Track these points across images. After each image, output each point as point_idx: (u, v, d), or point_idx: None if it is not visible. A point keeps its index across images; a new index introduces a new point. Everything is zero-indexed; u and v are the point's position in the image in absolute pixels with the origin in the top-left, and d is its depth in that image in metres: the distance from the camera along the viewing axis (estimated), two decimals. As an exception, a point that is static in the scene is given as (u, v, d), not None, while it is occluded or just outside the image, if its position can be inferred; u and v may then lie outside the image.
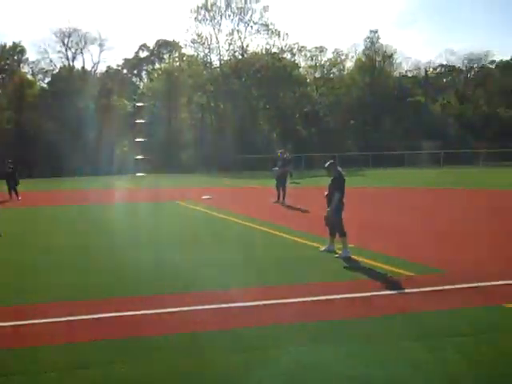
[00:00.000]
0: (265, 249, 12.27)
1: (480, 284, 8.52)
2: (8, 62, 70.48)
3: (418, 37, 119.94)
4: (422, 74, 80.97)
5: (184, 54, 74.78)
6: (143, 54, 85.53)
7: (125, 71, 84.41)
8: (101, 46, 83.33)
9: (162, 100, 68.57)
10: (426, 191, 28.23)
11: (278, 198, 22.00)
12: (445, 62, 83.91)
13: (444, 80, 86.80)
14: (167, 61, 79.95)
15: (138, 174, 55.85)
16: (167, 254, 11.55)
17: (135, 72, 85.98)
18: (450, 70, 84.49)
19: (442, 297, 7.99)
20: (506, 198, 23.97)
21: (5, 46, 70.09)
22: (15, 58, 71.29)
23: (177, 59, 76.90)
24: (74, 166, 56.57)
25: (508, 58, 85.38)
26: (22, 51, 71.91)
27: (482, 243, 12.47)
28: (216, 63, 70.82)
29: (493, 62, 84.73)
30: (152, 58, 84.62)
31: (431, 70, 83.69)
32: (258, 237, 14.09)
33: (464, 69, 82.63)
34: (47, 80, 76.32)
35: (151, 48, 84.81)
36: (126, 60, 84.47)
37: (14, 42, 71.07)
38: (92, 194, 31.98)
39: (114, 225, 17.38)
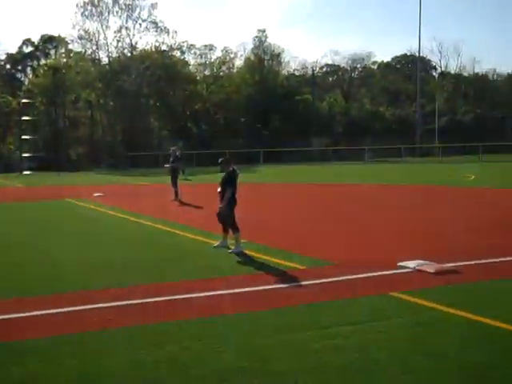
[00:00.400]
0: (156, 246, 12.21)
1: (369, 274, 8.89)
2: None
3: (303, 37, 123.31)
4: (309, 72, 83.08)
5: (71, 50, 72.73)
6: (27, 49, 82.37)
7: (8, 66, 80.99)
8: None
9: (48, 97, 66.36)
10: (318, 186, 28.96)
11: (176, 195, 21.93)
12: (330, 62, 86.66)
13: (330, 79, 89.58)
14: (53, 57, 77.38)
15: (25, 172, 53.94)
16: (46, 253, 11.28)
17: (19, 67, 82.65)
18: (335, 69, 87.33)
19: (332, 288, 8.27)
20: (388, 190, 25.16)
21: None
22: None
23: (63, 55, 74.62)
24: None
25: (388, 59, 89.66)
26: None
27: (368, 234, 13.02)
28: (105, 60, 69.41)
29: (375, 62, 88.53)
30: (37, 53, 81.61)
31: (317, 69, 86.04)
32: (150, 234, 13.98)
33: (348, 68, 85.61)
34: None
35: (36, 43, 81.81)
36: (8, 55, 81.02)
37: None
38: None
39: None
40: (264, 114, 70.14)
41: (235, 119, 71.24)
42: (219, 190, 11.37)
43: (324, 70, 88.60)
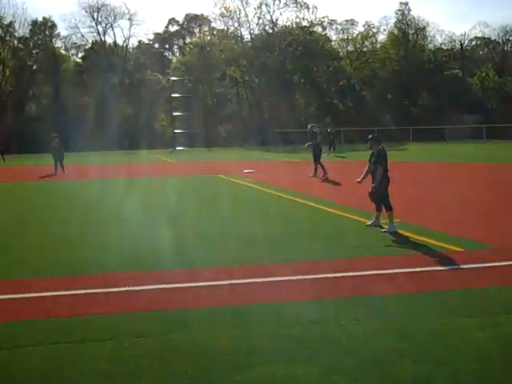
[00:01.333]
0: (311, 223, 12.19)
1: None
2: (40, 37, 70.69)
3: (448, 9, 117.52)
4: (458, 46, 79.30)
5: (214, 29, 74.43)
6: (173, 29, 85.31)
7: (156, 46, 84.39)
8: (130, 20, 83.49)
9: (195, 74, 68.45)
10: (469, 166, 27.78)
11: (315, 171, 21.88)
12: (480, 35, 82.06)
13: (480, 53, 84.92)
14: (198, 35, 79.61)
15: (178, 148, 56.18)
16: (208, 227, 11.59)
17: (167, 46, 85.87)
18: (485, 42, 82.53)
19: (494, 273, 7.88)
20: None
21: (36, 21, 70.26)
22: (47, 33, 71.41)
23: (207, 33, 76.55)
24: (112, 141, 57.17)
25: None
26: (53, 26, 71.97)
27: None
28: (247, 37, 70.35)
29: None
30: (182, 32, 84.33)
31: (466, 42, 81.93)
32: (302, 211, 14.01)
33: (500, 41, 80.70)
34: (80, 55, 76.75)
35: (181, 22, 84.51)
36: (156, 34, 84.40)
37: (44, 17, 71.06)
38: (133, 168, 32.17)
39: (152, 199, 17.43)
40: (411, 91, 68.15)
41: (381, 95, 69.85)
42: (366, 168, 11.27)
43: (473, 43, 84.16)
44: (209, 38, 73.70)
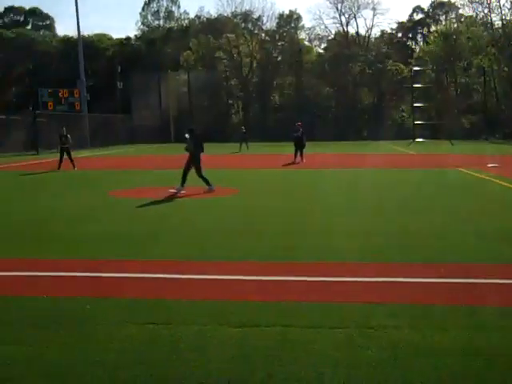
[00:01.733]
0: None
1: None
2: (286, 29, 73.58)
3: None
4: None
5: (462, 15, 71.10)
6: (417, 17, 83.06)
7: (399, 35, 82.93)
8: (374, 10, 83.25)
9: (439, 64, 66.13)
10: None
11: None
12: None
13: None
14: (444, 23, 76.65)
15: (418, 140, 55.01)
16: (447, 223, 10.91)
17: (410, 35, 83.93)
18: None
19: None
20: None
21: (282, 14, 73.34)
22: (292, 25, 74.16)
23: (454, 21, 73.37)
24: (351, 130, 57.90)
25: None
26: (299, 18, 74.56)
27: None
28: (497, 23, 66.05)
29: None
30: (427, 20, 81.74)
31: None
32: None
33: None
34: (323, 46, 78.34)
35: (426, 10, 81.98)
36: (399, 23, 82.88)
37: (290, 10, 74.00)
38: (368, 158, 31.99)
39: (391, 191, 17.01)
40: None
41: None
42: None
43: None
44: (455, 25, 70.66)
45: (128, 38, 78.80)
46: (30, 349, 4.80)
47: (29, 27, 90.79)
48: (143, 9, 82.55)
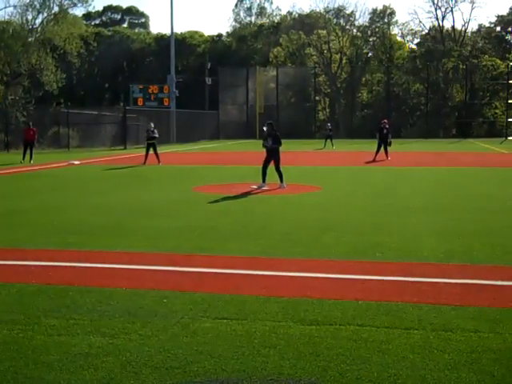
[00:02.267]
0: None
1: None
2: (379, 24, 72.56)
3: None
4: None
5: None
6: (519, 10, 79.75)
7: (498, 29, 79.92)
8: (472, 3, 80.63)
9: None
10: None
11: None
12: None
13: None
14: (546, 16, 73.44)
15: (510, 138, 53.18)
16: None
17: (509, 29, 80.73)
18: None
19: None
20: None
21: (376, 9, 72.38)
22: (385, 20, 73.04)
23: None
24: (442, 128, 56.66)
25: None
26: (392, 13, 73.36)
27: None
28: None
29: None
30: (529, 13, 78.43)
31: None
32: None
33: None
34: (416, 41, 76.68)
35: (528, 2, 78.74)
36: (499, 17, 79.84)
37: (384, 5, 72.95)
38: (452, 156, 31.13)
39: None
40: None
41: None
42: None
43: None
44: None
45: (219, 35, 79.93)
46: (111, 339, 4.94)
47: (125, 25, 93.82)
48: (236, 5, 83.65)
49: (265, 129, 16.44)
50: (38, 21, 53.79)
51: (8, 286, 6.54)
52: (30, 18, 53.13)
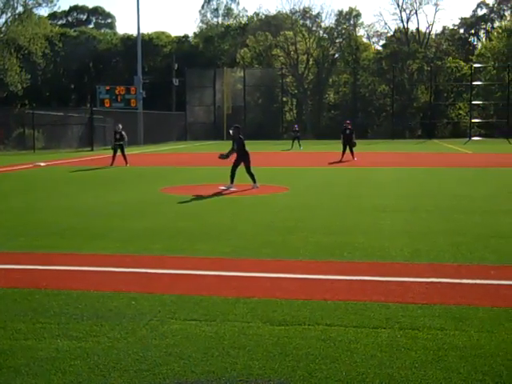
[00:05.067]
0: None
1: None
2: (345, 26, 73.05)
3: None
4: None
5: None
6: (481, 12, 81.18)
7: (461, 31, 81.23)
8: (436, 5, 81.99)
9: (501, 61, 64.55)
10: None
11: None
12: None
13: None
14: (508, 18, 74.75)
15: (474, 138, 54.02)
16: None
17: (472, 32, 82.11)
18: None
19: None
20: None
21: (342, 11, 72.87)
22: (351, 22, 73.59)
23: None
24: (408, 129, 57.33)
25: None
26: (358, 15, 73.94)
27: None
28: None
29: None
30: (491, 15, 79.81)
31: None
32: None
33: None
34: (381, 43, 77.49)
35: (491, 5, 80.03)
36: (462, 19, 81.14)
37: (349, 7, 73.48)
38: (418, 157, 31.49)
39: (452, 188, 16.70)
40: None
41: None
42: None
43: None
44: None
45: (186, 36, 79.72)
46: (79, 343, 4.90)
47: (91, 26, 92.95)
48: (203, 6, 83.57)
49: (231, 132, 16.49)
50: (2, 21, 53.15)
51: (-27, 290, 6.45)
52: (-7, 18, 52.49)
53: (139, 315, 5.54)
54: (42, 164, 26.66)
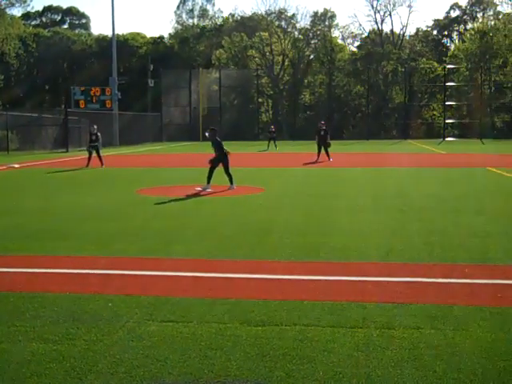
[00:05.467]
0: None
1: None
2: (320, 27, 73.32)
3: None
4: None
5: (500, 13, 70.20)
6: (454, 14, 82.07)
7: (435, 32, 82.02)
8: (409, 7, 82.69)
9: (474, 62, 65.36)
10: None
11: None
12: None
13: None
14: (481, 20, 75.71)
15: (448, 139, 54.63)
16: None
17: (445, 33, 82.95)
18: None
19: None
20: None
21: (317, 12, 73.14)
22: (326, 23, 73.89)
23: (491, 18, 72.47)
24: (383, 129, 57.78)
25: None
26: (333, 16, 74.27)
27: None
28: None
29: None
30: (464, 17, 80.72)
31: None
32: None
33: None
34: (356, 44, 77.95)
35: (463, 7, 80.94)
36: (435, 21, 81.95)
37: (324, 8, 73.71)
38: (393, 157, 31.76)
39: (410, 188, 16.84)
40: None
41: None
42: None
43: None
44: (492, 22, 69.72)
45: (161, 37, 79.43)
46: (55, 346, 4.86)
47: (65, 26, 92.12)
48: (178, 7, 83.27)
49: (207, 134, 16.49)
50: (-26, 20, 52.47)
51: None
52: (-35, 17, 51.83)
53: (116, 317, 5.51)
54: (16, 166, 26.36)
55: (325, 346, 4.77)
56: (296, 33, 73.42)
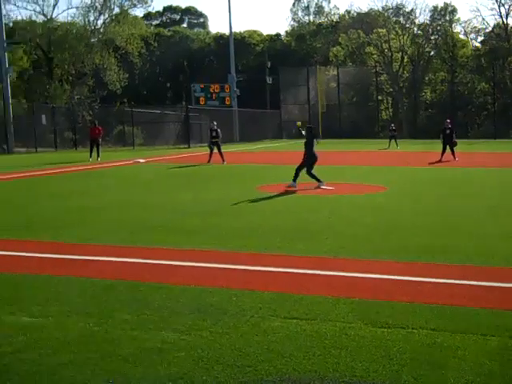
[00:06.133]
0: None
1: None
2: (440, 22, 71.02)
3: None
4: None
5: None
6: None
7: None
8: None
9: None
10: None
11: None
12: None
13: None
14: None
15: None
16: None
17: None
18: None
19: None
20: None
21: (436, 7, 70.84)
22: (447, 18, 71.43)
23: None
24: (509, 128, 55.28)
25: None
26: (454, 11, 71.70)
27: None
28: None
29: None
30: None
31: None
32: None
33: None
34: (480, 39, 74.85)
35: None
36: None
37: (444, 3, 71.21)
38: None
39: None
40: None
41: None
42: None
43: None
44: None
45: (278, 35, 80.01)
46: (183, 336, 4.99)
47: (184, 25, 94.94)
48: (294, 5, 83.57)
49: (303, 133, 16.46)
50: (100, 22, 55.09)
51: (81, 280, 6.71)
52: (91, 19, 54.50)
53: (240, 311, 5.59)
54: (142, 160, 27.42)
55: (455, 353, 4.59)
56: (415, 29, 71.50)
